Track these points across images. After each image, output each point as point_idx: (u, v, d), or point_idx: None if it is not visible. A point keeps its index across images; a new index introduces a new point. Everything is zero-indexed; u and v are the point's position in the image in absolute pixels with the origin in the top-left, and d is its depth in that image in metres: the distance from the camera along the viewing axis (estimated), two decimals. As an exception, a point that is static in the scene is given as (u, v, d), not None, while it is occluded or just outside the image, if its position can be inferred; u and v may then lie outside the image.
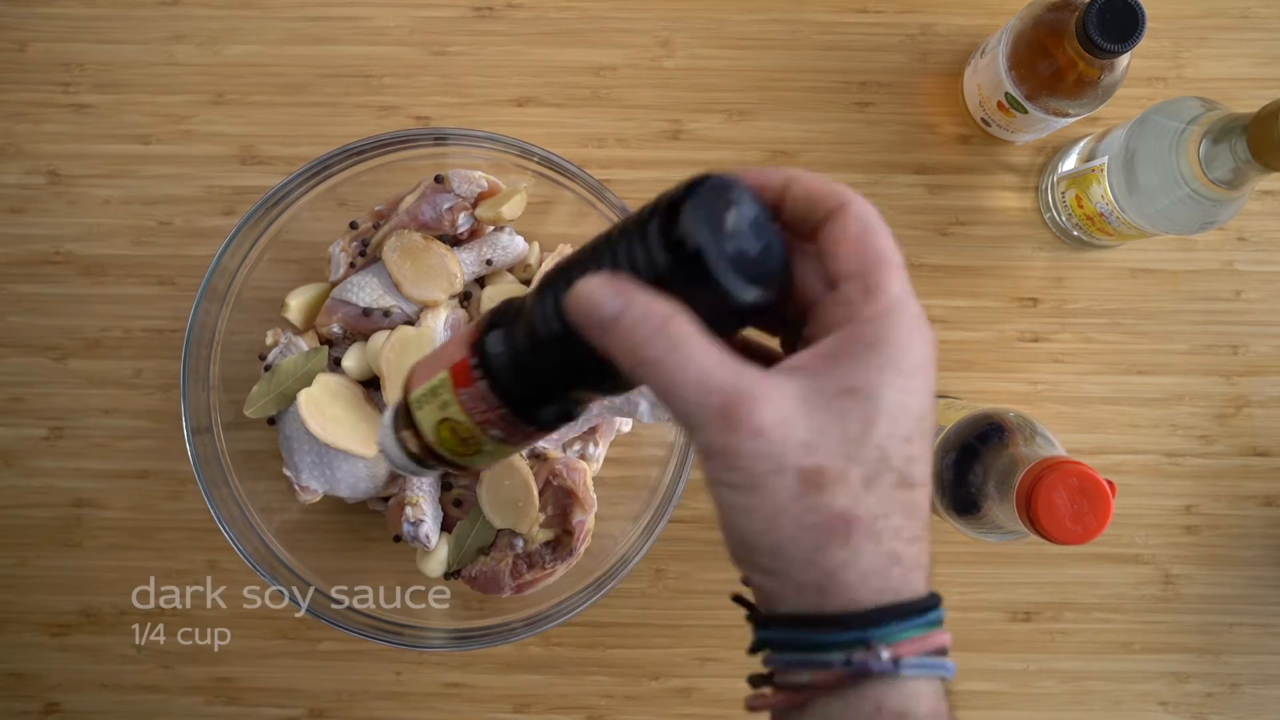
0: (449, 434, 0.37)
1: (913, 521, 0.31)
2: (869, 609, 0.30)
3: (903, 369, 0.30)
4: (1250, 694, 0.72)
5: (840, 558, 0.30)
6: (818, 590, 0.30)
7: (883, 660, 0.29)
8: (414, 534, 0.64)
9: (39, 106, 0.72)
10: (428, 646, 0.64)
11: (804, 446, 0.29)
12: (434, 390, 0.37)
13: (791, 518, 0.30)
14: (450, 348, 0.37)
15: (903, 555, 0.30)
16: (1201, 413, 0.72)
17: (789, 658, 0.31)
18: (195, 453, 0.63)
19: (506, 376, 0.35)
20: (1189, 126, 0.56)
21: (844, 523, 0.30)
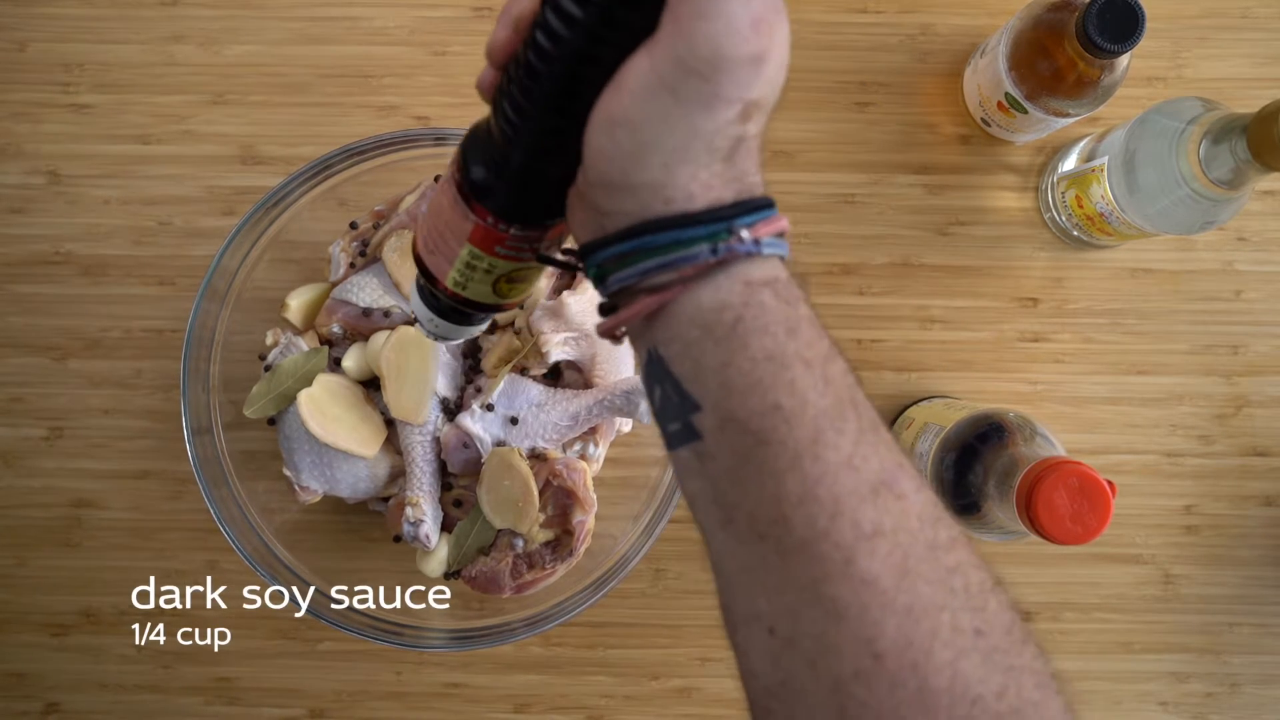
0: (506, 286, 0.39)
1: (764, 135, 0.34)
2: (727, 203, 0.32)
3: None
4: (1250, 694, 0.72)
5: (719, 170, 0.32)
6: (688, 198, 0.32)
7: (745, 242, 0.32)
8: (414, 534, 0.64)
9: (39, 106, 0.72)
10: (428, 646, 0.64)
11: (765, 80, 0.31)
12: (469, 264, 0.38)
13: (708, 139, 0.32)
14: (449, 223, 0.38)
15: (759, 164, 0.34)
16: (1201, 413, 0.72)
17: (650, 263, 0.33)
18: (195, 453, 0.63)
19: (526, 204, 0.36)
20: (1189, 126, 0.56)
21: (739, 143, 0.32)
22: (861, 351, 0.72)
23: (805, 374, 0.32)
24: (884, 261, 0.72)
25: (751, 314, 0.32)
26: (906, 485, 0.32)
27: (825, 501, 0.31)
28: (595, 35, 0.31)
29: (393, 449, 0.66)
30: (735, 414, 0.32)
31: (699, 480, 0.34)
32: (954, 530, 0.33)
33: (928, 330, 0.72)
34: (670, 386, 0.34)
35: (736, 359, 0.32)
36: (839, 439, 0.32)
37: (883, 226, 0.72)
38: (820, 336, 0.33)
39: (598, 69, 0.32)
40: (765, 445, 0.32)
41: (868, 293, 0.72)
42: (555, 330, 0.64)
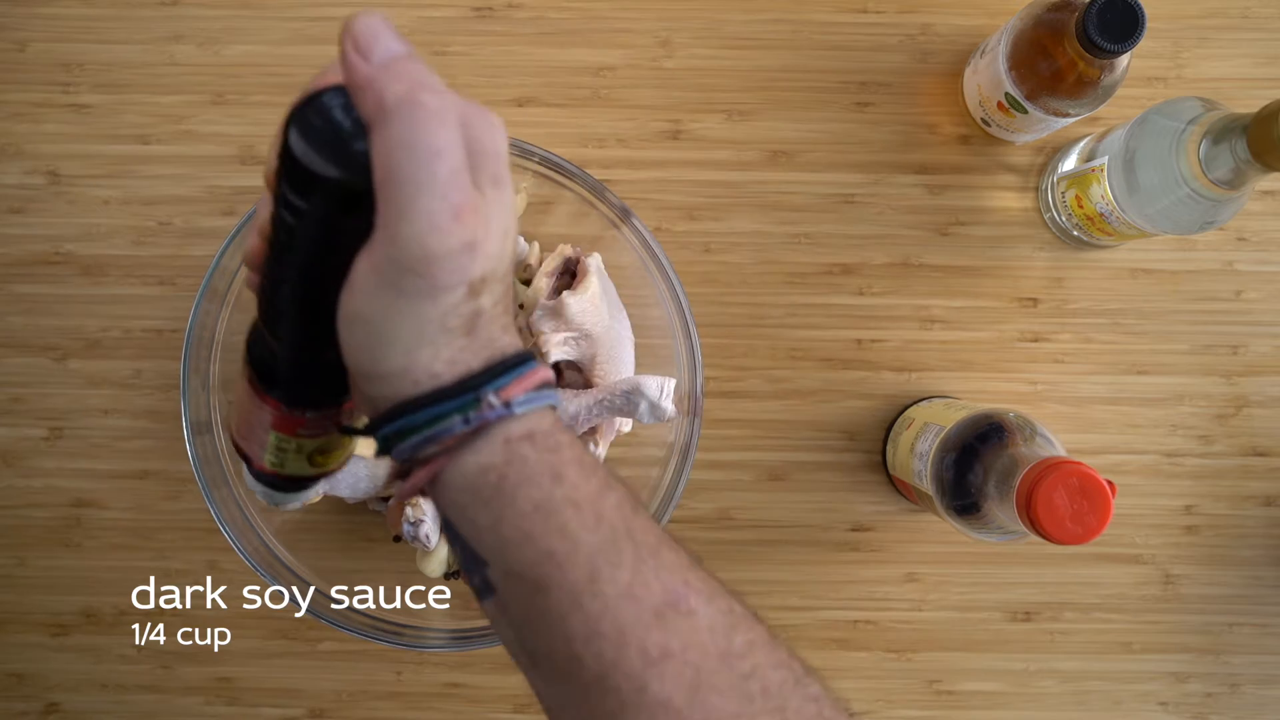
0: (321, 458, 0.42)
1: (506, 299, 0.35)
2: (476, 372, 0.34)
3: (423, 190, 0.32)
4: (1250, 694, 0.72)
5: (462, 344, 0.34)
6: (433, 377, 0.33)
7: (496, 407, 0.33)
8: (414, 534, 0.64)
9: (39, 106, 0.72)
10: (428, 646, 0.64)
11: (484, 258, 0.33)
12: (279, 448, 0.41)
13: (440, 322, 0.33)
14: (252, 413, 0.40)
15: (505, 325, 0.35)
16: (1201, 413, 0.72)
17: (415, 439, 0.34)
18: (195, 453, 0.63)
19: (310, 391, 0.39)
20: (1189, 126, 0.56)
21: (476, 317, 0.34)
22: (861, 351, 0.72)
23: (575, 516, 0.33)
24: (884, 261, 0.72)
25: (514, 470, 0.34)
26: (694, 601, 0.34)
27: (610, 635, 0.33)
28: (319, 237, 0.33)
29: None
30: (513, 567, 0.34)
31: (505, 629, 0.36)
32: (752, 633, 0.34)
33: (928, 330, 0.72)
34: (461, 545, 0.35)
35: (506, 514, 0.34)
36: (615, 572, 0.33)
37: (883, 226, 0.72)
38: (590, 475, 0.34)
39: (331, 266, 0.33)
40: (545, 592, 0.33)
41: (868, 293, 0.72)
42: (555, 330, 0.64)
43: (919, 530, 0.72)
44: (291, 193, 0.33)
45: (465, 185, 0.32)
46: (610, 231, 0.65)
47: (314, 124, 0.33)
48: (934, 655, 0.72)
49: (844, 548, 0.72)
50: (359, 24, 0.32)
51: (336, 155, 0.32)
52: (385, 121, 0.31)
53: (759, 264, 0.72)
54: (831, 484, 0.72)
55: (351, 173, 0.32)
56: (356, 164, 0.32)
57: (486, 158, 0.33)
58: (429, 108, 0.31)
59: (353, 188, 0.32)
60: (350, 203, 0.32)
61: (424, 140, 0.31)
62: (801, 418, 0.72)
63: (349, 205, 0.32)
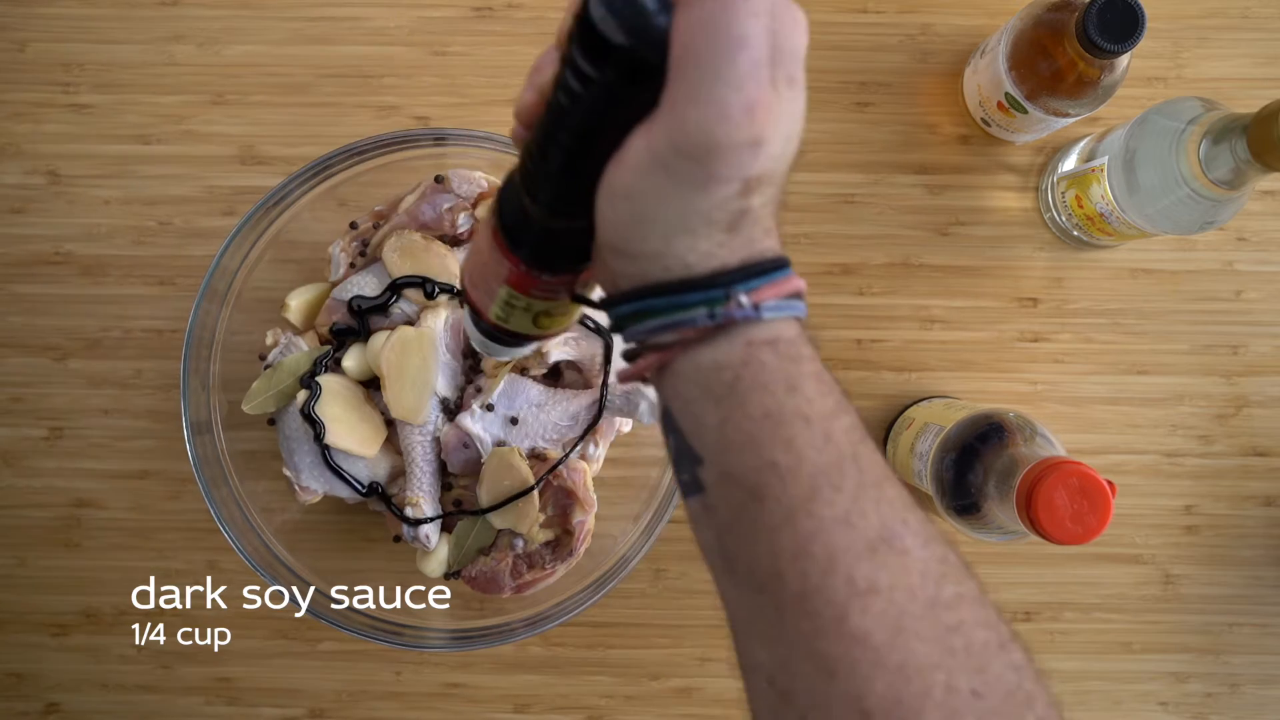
0: (546, 320, 0.41)
1: (776, 201, 0.34)
2: (731, 268, 0.33)
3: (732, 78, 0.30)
4: (1250, 694, 0.72)
5: (722, 239, 0.33)
6: (685, 267, 0.33)
7: (744, 307, 0.32)
8: (414, 534, 0.64)
9: (39, 106, 0.72)
10: (428, 646, 0.64)
11: (766, 158, 0.32)
12: (507, 303, 0.40)
13: (706, 214, 0.32)
14: (488, 264, 0.40)
15: (769, 228, 0.34)
16: (1201, 413, 0.72)
17: (653, 323, 0.33)
18: (195, 453, 0.63)
19: (554, 255, 0.38)
20: (1189, 126, 0.56)
21: (743, 215, 0.33)
22: (861, 351, 0.72)
23: (804, 430, 0.32)
24: (884, 261, 0.72)
25: (750, 373, 0.33)
26: (910, 541, 0.32)
27: (819, 557, 0.31)
28: (601, 107, 0.32)
29: (393, 449, 0.66)
30: (732, 470, 0.33)
31: (705, 530, 0.35)
32: (962, 586, 0.33)
33: (928, 330, 0.72)
34: (677, 438, 0.35)
35: (734, 416, 0.33)
36: (835, 495, 0.32)
37: (883, 226, 0.72)
38: (826, 393, 0.33)
39: (606, 137, 0.33)
40: (760, 501, 0.32)
41: (868, 293, 0.72)
42: (555, 330, 0.63)
43: (919, 530, 0.72)
44: (581, 57, 0.31)
45: (764, 80, 0.30)
46: (610, 231, 0.65)
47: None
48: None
49: (844, 548, 0.72)
50: None
51: (634, 25, 0.31)
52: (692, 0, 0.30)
53: (759, 264, 0.72)
54: (831, 484, 0.72)
55: (648, 46, 0.31)
56: (654, 38, 0.31)
57: (786, 55, 0.31)
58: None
59: (646, 61, 0.31)
60: (640, 76, 0.31)
61: (732, 26, 0.29)
62: (801, 418, 0.72)
63: (638, 78, 0.31)
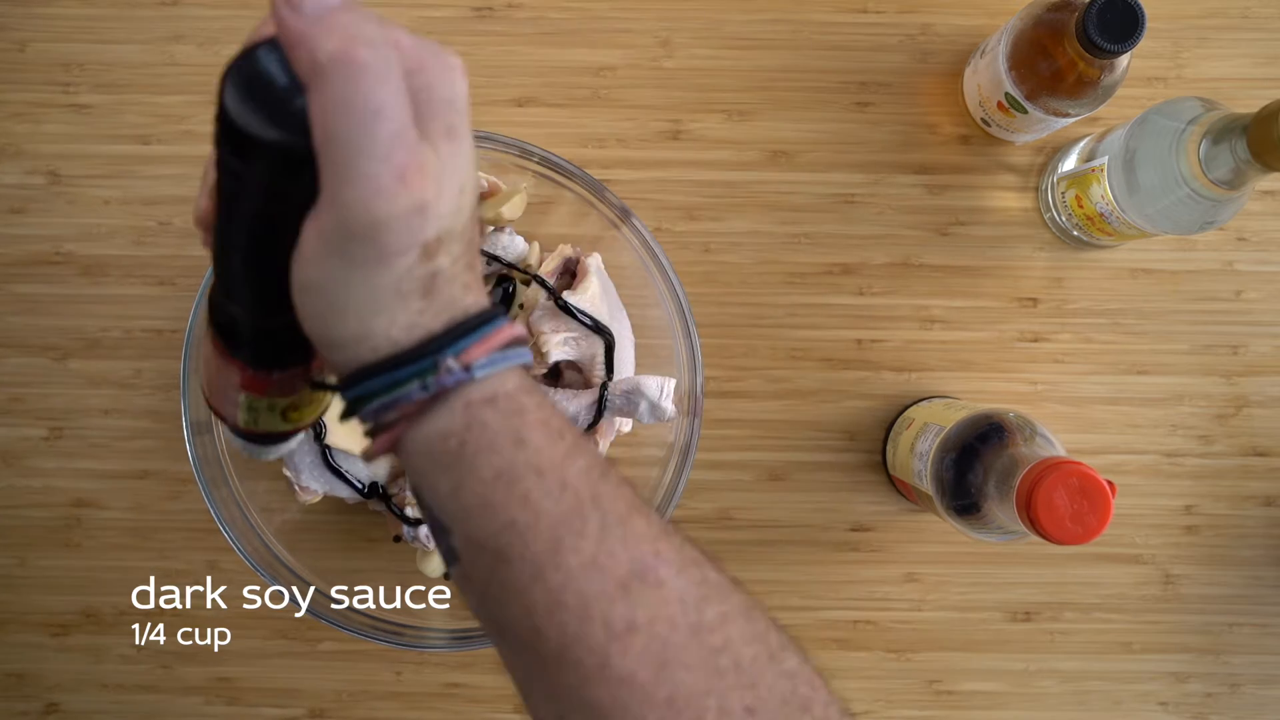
0: (295, 414, 0.41)
1: (468, 255, 0.33)
2: (436, 334, 0.32)
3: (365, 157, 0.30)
4: (1250, 694, 0.72)
5: (420, 307, 0.32)
6: (392, 343, 0.32)
7: (454, 371, 0.32)
8: (414, 534, 0.64)
9: (39, 106, 0.72)
10: (428, 646, 0.64)
11: (436, 219, 0.31)
12: (250, 407, 0.39)
13: (394, 288, 0.31)
14: (220, 373, 0.39)
15: (468, 283, 0.33)
16: (1201, 413, 0.72)
17: (375, 404, 0.33)
18: (195, 453, 0.63)
19: (274, 353, 0.37)
20: (1189, 126, 0.56)
21: (434, 278, 0.32)
22: (861, 351, 0.72)
23: (538, 484, 0.32)
24: (884, 261, 0.72)
25: (474, 436, 0.32)
26: (664, 571, 0.32)
27: (573, 607, 0.32)
28: (262, 202, 0.32)
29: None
30: (475, 535, 0.33)
31: (470, 597, 0.35)
32: (726, 604, 0.33)
33: (928, 330, 0.72)
34: (426, 511, 0.35)
35: (466, 482, 0.32)
36: (580, 542, 0.32)
37: (883, 226, 0.72)
38: (556, 439, 0.33)
39: (280, 231, 0.32)
40: (507, 563, 0.32)
41: (868, 293, 0.72)
42: (555, 330, 0.64)
43: (919, 530, 0.72)
44: (231, 156, 0.31)
45: (410, 143, 0.30)
46: (610, 231, 0.65)
47: (250, 83, 0.31)
48: (934, 655, 0.72)
49: (844, 548, 0.72)
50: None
51: (274, 115, 0.30)
52: (320, 81, 0.29)
53: (759, 264, 0.72)
54: (831, 484, 0.72)
55: (291, 134, 0.30)
56: (295, 124, 0.30)
57: (438, 106, 0.31)
58: (364, 63, 0.29)
59: (293, 150, 0.30)
60: (293, 166, 0.30)
61: (361, 100, 0.29)
62: (801, 418, 0.72)
63: (292, 168, 0.31)
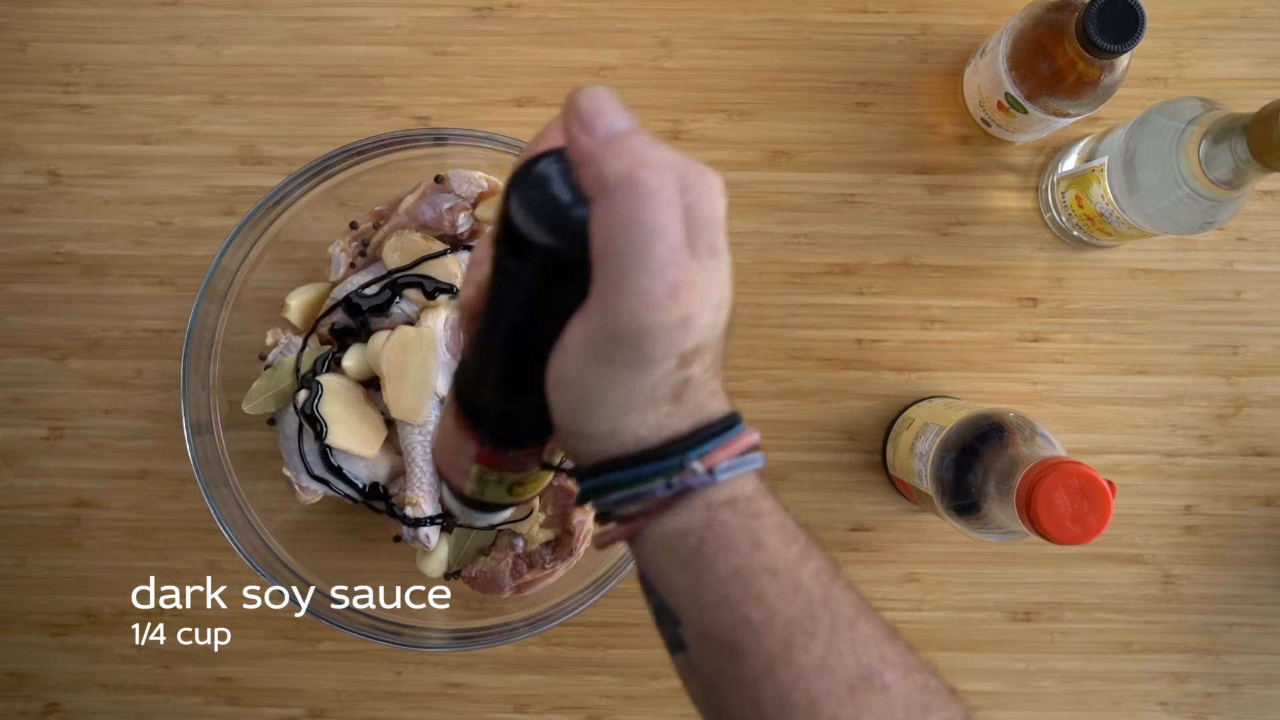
0: (520, 489, 0.43)
1: (717, 364, 0.35)
2: (682, 435, 0.34)
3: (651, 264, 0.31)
4: (1250, 694, 0.72)
5: (669, 410, 0.34)
6: (638, 441, 0.34)
7: (699, 474, 0.34)
8: (414, 534, 0.64)
9: (39, 106, 0.72)
10: (428, 646, 0.64)
11: (698, 331, 0.33)
12: (480, 478, 0.42)
13: (649, 391, 0.33)
14: (457, 444, 0.41)
15: (714, 390, 0.35)
16: (1201, 413, 0.72)
17: (617, 495, 0.35)
18: (195, 453, 0.63)
19: (516, 434, 0.40)
20: (1189, 126, 0.56)
21: (685, 384, 0.34)
22: (861, 351, 0.72)
23: (772, 584, 0.34)
24: (884, 261, 0.72)
25: (714, 535, 0.34)
26: (889, 676, 0.34)
27: (802, 705, 0.33)
28: (532, 301, 0.34)
29: (393, 449, 0.66)
30: (708, 629, 0.34)
31: (693, 684, 0.36)
32: (947, 711, 0.35)
33: (928, 330, 0.72)
34: (655, 598, 0.36)
35: (704, 578, 0.34)
36: (810, 642, 0.33)
37: (883, 226, 0.72)
38: (790, 541, 0.35)
39: (543, 327, 0.34)
40: (739, 657, 0.34)
41: (868, 293, 0.72)
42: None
43: (919, 530, 0.72)
44: (509, 257, 0.33)
45: (683, 262, 0.32)
46: (610, 231, 0.65)
47: (533, 191, 0.33)
48: (934, 655, 0.71)
49: (844, 548, 0.72)
50: (583, 98, 0.32)
51: (554, 225, 0.33)
52: (605, 198, 0.31)
53: (759, 264, 0.72)
54: (831, 484, 0.72)
55: (567, 242, 0.32)
56: (573, 233, 0.32)
57: (705, 226, 0.33)
58: (649, 186, 0.31)
59: (568, 257, 0.32)
60: (565, 271, 0.33)
61: (643, 219, 0.31)
62: (801, 418, 0.72)
63: (564, 273, 0.33)
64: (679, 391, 0.34)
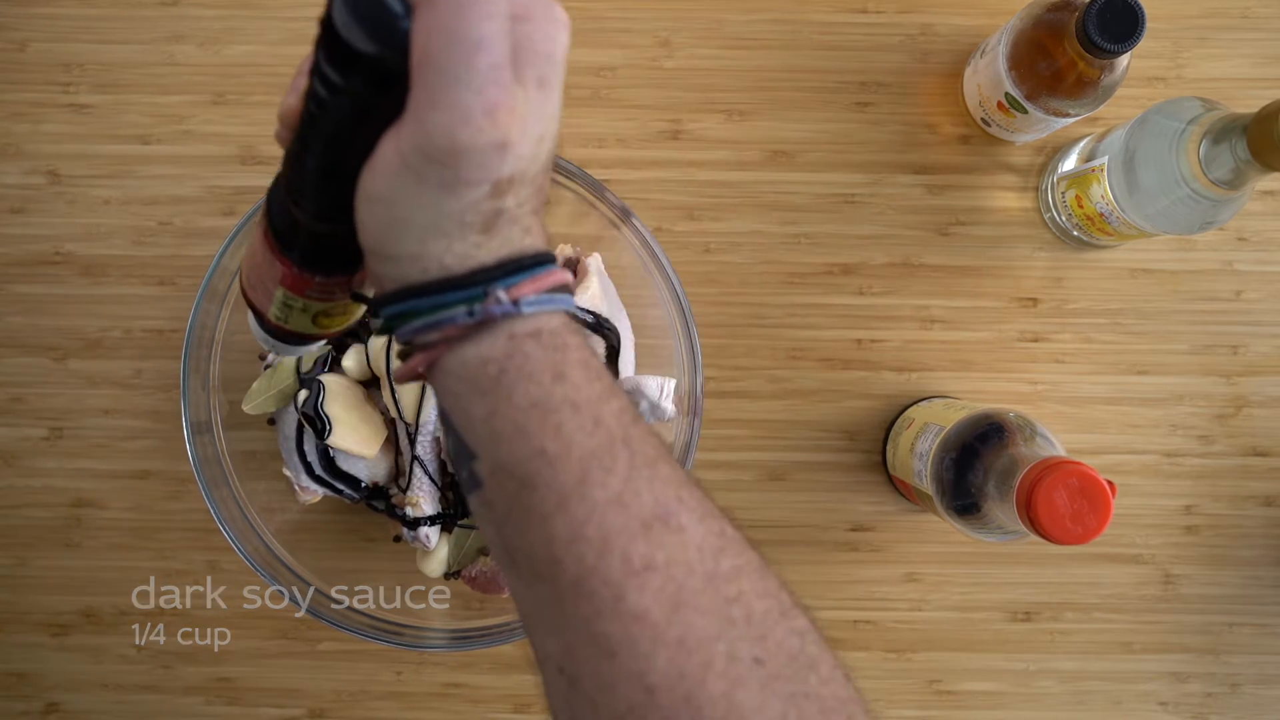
0: (325, 320, 0.41)
1: (536, 200, 0.34)
2: (488, 265, 0.33)
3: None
4: (1250, 694, 0.72)
5: (478, 240, 0.33)
6: (442, 268, 0.33)
7: (503, 303, 0.33)
8: (414, 534, 0.64)
9: (39, 106, 0.72)
10: (428, 646, 0.64)
11: (514, 159, 0.32)
12: (285, 304, 0.40)
13: (458, 216, 0.32)
14: (263, 266, 0.40)
15: (529, 226, 0.34)
16: (1201, 413, 0.72)
17: (417, 323, 0.33)
18: (195, 453, 0.63)
19: (323, 258, 0.38)
20: (1189, 126, 0.56)
21: (498, 215, 0.33)
22: (861, 351, 0.72)
23: (572, 416, 0.33)
24: (884, 261, 0.72)
25: (515, 365, 0.33)
26: (686, 518, 0.33)
27: (593, 540, 0.32)
28: (350, 114, 0.33)
29: (393, 449, 0.66)
30: (503, 461, 0.33)
31: (487, 525, 0.35)
32: (741, 559, 0.34)
33: (928, 330, 0.72)
34: (453, 436, 0.35)
35: (501, 408, 0.33)
36: (607, 478, 0.32)
37: (883, 226, 0.72)
38: (593, 379, 0.34)
39: (360, 144, 0.33)
40: (532, 490, 0.33)
41: (868, 293, 0.72)
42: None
43: (919, 530, 0.72)
44: (327, 64, 0.32)
45: (505, 82, 0.30)
46: (610, 231, 0.65)
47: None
48: (934, 655, 0.72)
49: (844, 548, 0.72)
50: None
51: (377, 32, 0.31)
52: (429, 5, 0.30)
53: (759, 264, 0.72)
54: (831, 484, 0.72)
55: (390, 51, 0.31)
56: (396, 43, 0.31)
57: (536, 57, 0.32)
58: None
59: (389, 67, 0.31)
60: (385, 82, 0.31)
61: (466, 29, 0.29)
62: (801, 418, 0.72)
63: (383, 84, 0.31)
64: (490, 222, 0.33)
